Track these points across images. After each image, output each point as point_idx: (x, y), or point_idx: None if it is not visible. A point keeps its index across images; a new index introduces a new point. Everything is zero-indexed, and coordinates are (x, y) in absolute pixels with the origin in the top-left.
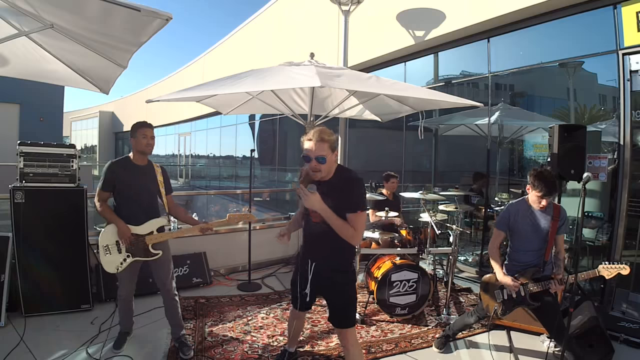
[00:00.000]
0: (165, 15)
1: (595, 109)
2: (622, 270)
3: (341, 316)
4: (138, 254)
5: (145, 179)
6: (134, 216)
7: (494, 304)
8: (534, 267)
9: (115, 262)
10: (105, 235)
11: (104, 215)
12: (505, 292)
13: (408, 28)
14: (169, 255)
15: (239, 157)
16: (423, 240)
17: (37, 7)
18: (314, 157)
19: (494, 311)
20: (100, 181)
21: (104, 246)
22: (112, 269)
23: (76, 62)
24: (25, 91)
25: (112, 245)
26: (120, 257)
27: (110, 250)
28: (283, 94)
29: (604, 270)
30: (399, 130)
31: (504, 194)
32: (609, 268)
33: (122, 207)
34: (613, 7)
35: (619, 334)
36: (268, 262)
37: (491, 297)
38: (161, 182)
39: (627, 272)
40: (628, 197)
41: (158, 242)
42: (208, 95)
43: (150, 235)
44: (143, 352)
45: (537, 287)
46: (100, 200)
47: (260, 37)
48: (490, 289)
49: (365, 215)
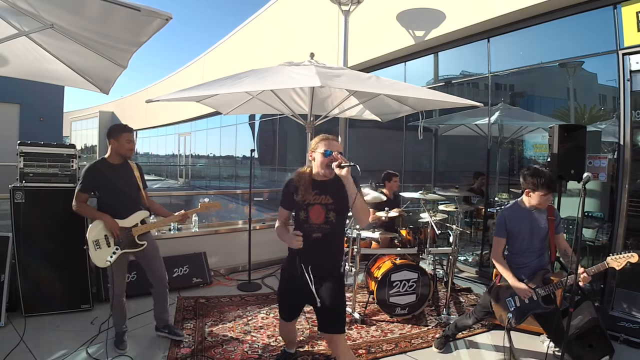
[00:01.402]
0: (165, 15)
1: (595, 109)
2: (631, 258)
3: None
4: (126, 245)
5: (123, 177)
6: (118, 212)
7: (507, 313)
8: (543, 270)
9: (106, 256)
10: (93, 230)
11: (85, 214)
12: (517, 299)
13: (408, 28)
14: (156, 245)
15: (239, 157)
16: (423, 240)
17: (37, 7)
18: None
19: (508, 320)
20: (79, 184)
21: (94, 241)
22: (102, 263)
23: (76, 62)
24: (25, 91)
25: (101, 240)
26: (109, 251)
27: (100, 244)
28: (283, 94)
29: (613, 262)
30: (399, 130)
31: (504, 194)
32: (618, 259)
33: (106, 205)
34: (613, 7)
35: (619, 334)
36: (268, 262)
37: (503, 307)
38: (139, 177)
39: (636, 259)
40: (628, 197)
41: (143, 233)
42: (208, 95)
43: (136, 227)
44: (143, 352)
45: (546, 290)
46: (78, 202)
47: (260, 37)
48: (501, 298)
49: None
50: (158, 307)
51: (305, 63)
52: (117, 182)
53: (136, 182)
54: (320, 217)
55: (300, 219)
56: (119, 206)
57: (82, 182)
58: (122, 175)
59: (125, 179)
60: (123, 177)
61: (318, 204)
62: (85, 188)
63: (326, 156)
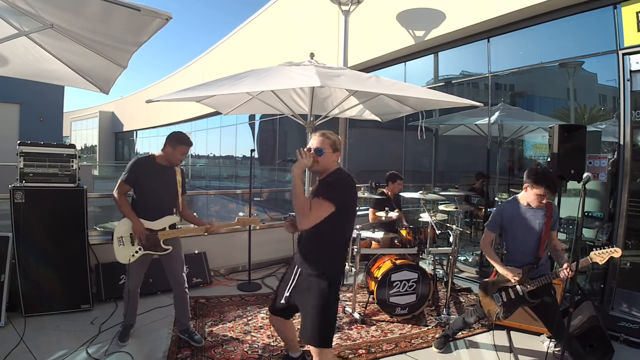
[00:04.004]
0: (165, 15)
1: (595, 109)
2: (614, 253)
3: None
4: (149, 248)
5: (165, 179)
6: (150, 212)
7: (495, 308)
8: (527, 265)
9: (128, 254)
10: (120, 227)
11: (121, 209)
12: (504, 294)
13: (408, 28)
14: (180, 250)
15: (239, 157)
16: (423, 240)
17: (37, 7)
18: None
19: (496, 315)
20: (124, 174)
21: (119, 237)
22: (124, 259)
23: (76, 62)
24: (25, 91)
25: (126, 237)
26: (132, 249)
27: (124, 242)
28: (283, 94)
29: (596, 257)
30: (399, 130)
31: (504, 194)
32: (601, 254)
33: (139, 202)
34: (613, 7)
35: (619, 334)
36: (268, 262)
37: (490, 301)
38: (179, 182)
39: (619, 254)
40: (628, 197)
41: (169, 238)
42: (208, 95)
43: (162, 232)
44: (144, 351)
45: (533, 285)
46: (120, 192)
47: (260, 37)
48: (488, 293)
49: (326, 208)
50: (177, 311)
51: (305, 63)
52: (156, 182)
53: (175, 187)
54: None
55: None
56: (151, 206)
57: (127, 173)
58: (164, 177)
59: (166, 181)
60: (164, 179)
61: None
62: (128, 179)
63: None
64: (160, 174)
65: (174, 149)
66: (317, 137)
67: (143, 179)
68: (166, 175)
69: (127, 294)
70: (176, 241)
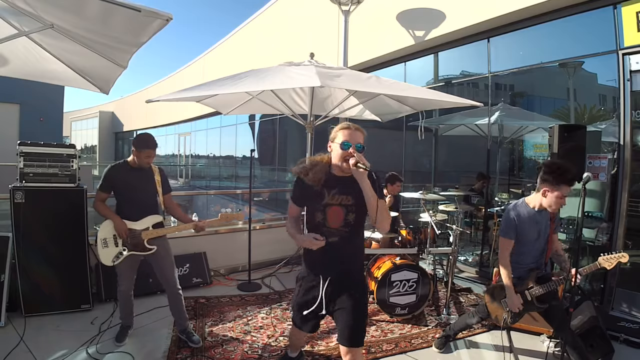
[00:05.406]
0: (165, 16)
1: (595, 109)
2: (622, 258)
3: (359, 331)
4: (134, 248)
5: (142, 181)
6: (132, 213)
7: (503, 313)
8: (535, 270)
9: (111, 255)
10: (103, 229)
11: (100, 212)
12: None
13: (408, 28)
14: (169, 249)
15: (239, 157)
16: (423, 240)
17: (37, 7)
18: (356, 142)
19: (504, 320)
20: (99, 183)
21: (102, 239)
22: (108, 261)
23: (76, 62)
24: (25, 91)
25: (109, 239)
26: (116, 251)
27: (108, 243)
28: (283, 94)
29: (605, 262)
30: (399, 130)
31: (504, 194)
32: (609, 259)
33: (122, 206)
34: (613, 7)
35: (619, 334)
36: (268, 262)
37: (498, 306)
38: (159, 181)
39: (627, 259)
40: (628, 197)
41: (154, 238)
42: (208, 95)
43: (146, 231)
44: (143, 351)
45: (542, 290)
46: (98, 200)
47: (260, 37)
48: (496, 298)
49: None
50: (172, 309)
51: (305, 63)
52: (133, 185)
53: (154, 187)
54: (339, 220)
55: (317, 221)
56: (132, 208)
57: (102, 181)
58: (139, 179)
59: (142, 183)
60: (140, 181)
61: (337, 205)
62: (103, 187)
63: (343, 149)
64: (135, 177)
65: (139, 152)
66: (357, 133)
67: (119, 184)
68: (143, 177)
69: (121, 297)
70: (163, 241)
